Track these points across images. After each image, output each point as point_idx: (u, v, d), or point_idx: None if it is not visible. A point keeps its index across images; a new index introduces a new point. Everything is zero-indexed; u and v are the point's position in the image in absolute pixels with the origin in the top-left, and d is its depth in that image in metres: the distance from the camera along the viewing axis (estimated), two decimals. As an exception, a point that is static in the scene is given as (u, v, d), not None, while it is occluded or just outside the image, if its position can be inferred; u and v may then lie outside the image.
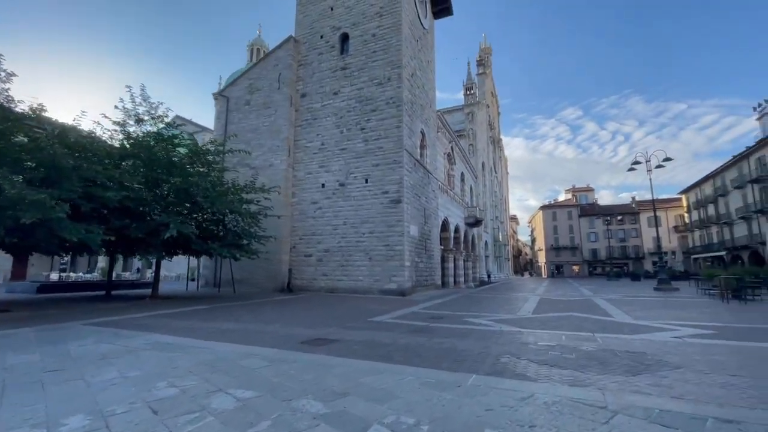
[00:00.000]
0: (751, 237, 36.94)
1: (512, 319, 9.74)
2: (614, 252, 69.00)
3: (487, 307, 12.87)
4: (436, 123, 27.14)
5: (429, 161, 24.31)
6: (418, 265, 20.51)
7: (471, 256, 37.75)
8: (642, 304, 13.56)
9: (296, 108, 22.78)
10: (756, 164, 35.80)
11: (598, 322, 9.23)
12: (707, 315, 10.41)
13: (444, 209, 27.58)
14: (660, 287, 21.71)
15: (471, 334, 7.38)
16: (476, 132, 48.17)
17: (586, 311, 11.50)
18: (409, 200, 19.62)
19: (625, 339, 6.84)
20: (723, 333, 7.43)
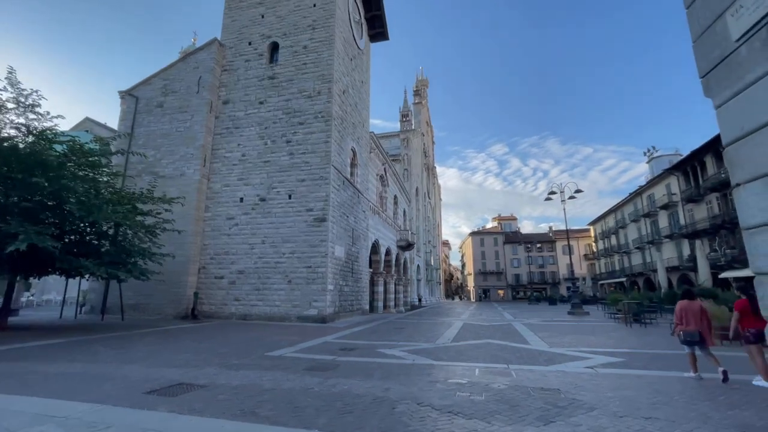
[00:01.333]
0: (645, 265, 41.72)
1: (429, 349, 8.93)
2: (534, 277, 73.93)
3: (407, 335, 12.01)
4: (369, 143, 26.79)
5: (360, 181, 23.63)
6: (342, 289, 19.25)
7: (402, 280, 37.34)
8: (557, 330, 13.73)
9: (216, 115, 20.84)
10: (647, 201, 41.00)
11: (515, 350, 8.79)
12: (615, 340, 10.60)
13: (375, 231, 26.89)
14: (573, 311, 22.88)
15: (377, 371, 6.35)
16: (411, 157, 49.23)
17: (504, 338, 11.17)
18: (335, 219, 18.54)
19: (540, 372, 6.30)
20: (631, 361, 7.30)
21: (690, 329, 6.06)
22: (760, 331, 5.58)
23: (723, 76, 2.96)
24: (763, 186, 2.66)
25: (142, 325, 14.40)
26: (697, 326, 6.02)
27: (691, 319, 6.10)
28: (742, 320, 5.88)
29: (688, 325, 6.09)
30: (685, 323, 6.14)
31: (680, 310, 6.29)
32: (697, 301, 6.33)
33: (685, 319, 6.17)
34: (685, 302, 6.32)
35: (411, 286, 43.31)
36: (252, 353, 8.28)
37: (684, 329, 6.13)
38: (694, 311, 6.14)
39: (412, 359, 7.55)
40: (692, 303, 6.25)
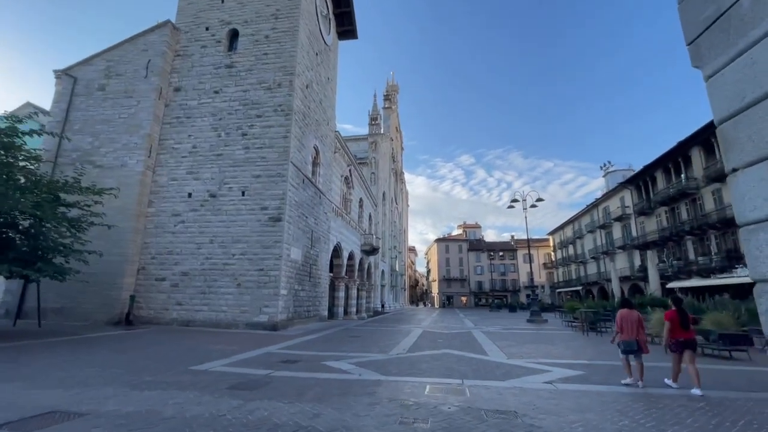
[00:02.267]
0: (599, 274, 43.43)
1: (380, 362, 8.14)
2: (496, 285, 75.41)
3: (361, 345, 11.17)
4: (334, 143, 25.87)
5: (322, 181, 22.62)
6: (298, 293, 18.10)
7: (366, 285, 36.45)
8: (516, 339, 13.40)
9: (166, 103, 19.17)
10: (603, 213, 42.82)
11: (472, 362, 8.20)
12: (573, 350, 10.31)
13: (337, 234, 25.90)
14: (532, 319, 22.97)
15: (312, 390, 5.47)
16: (379, 161, 48.69)
17: (463, 347, 10.61)
18: (292, 219, 17.43)
19: (496, 389, 5.68)
20: (591, 374, 6.88)
21: (628, 338, 6.18)
22: (682, 341, 5.96)
23: (717, 39, 2.41)
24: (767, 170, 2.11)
25: (62, 332, 12.60)
26: (635, 335, 6.16)
27: (629, 328, 6.22)
28: (670, 330, 6.12)
29: (628, 334, 6.20)
30: (624, 332, 6.26)
31: (620, 319, 6.39)
32: (635, 310, 6.44)
33: (624, 328, 6.28)
34: (625, 311, 6.41)
35: (375, 292, 42.46)
36: (175, 367, 7.13)
37: (623, 338, 6.25)
38: (632, 320, 6.26)
39: (359, 374, 6.73)
40: (631, 312, 6.37)
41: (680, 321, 6.03)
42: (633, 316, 6.30)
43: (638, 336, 6.15)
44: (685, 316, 6.10)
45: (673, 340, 6.07)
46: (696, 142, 25.42)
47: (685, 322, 6.04)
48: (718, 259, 23.70)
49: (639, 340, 6.12)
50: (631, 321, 6.26)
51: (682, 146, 26.51)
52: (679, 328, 6.02)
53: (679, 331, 6.02)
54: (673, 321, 6.09)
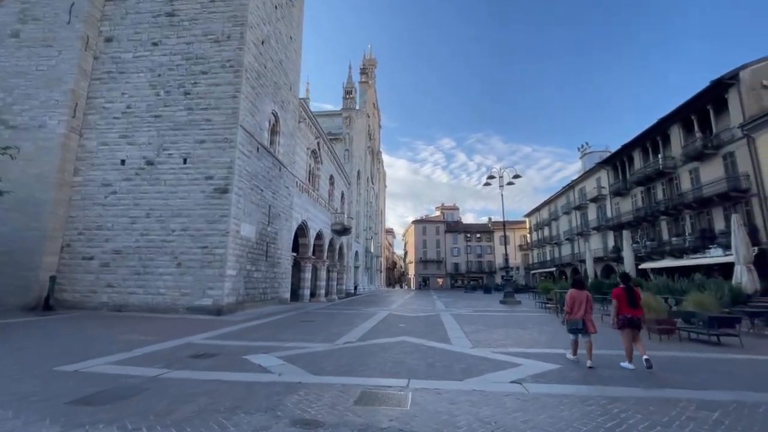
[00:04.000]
0: (574, 255, 43.47)
1: (318, 354, 6.62)
2: (472, 266, 75.59)
3: (309, 332, 9.64)
4: (299, 112, 23.67)
5: (283, 152, 20.57)
6: (251, 274, 16.33)
7: (337, 267, 34.92)
8: (487, 322, 12.22)
9: (96, 55, 16.50)
10: (579, 194, 42.52)
11: (430, 353, 6.80)
12: (547, 336, 9.13)
13: (303, 211, 24.04)
14: (505, 300, 22.12)
15: (192, 402, 3.89)
16: (353, 138, 46.47)
17: (425, 334, 9.25)
18: (243, 191, 15.48)
19: (449, 395, 4.25)
20: (568, 369, 5.60)
21: (576, 317, 6.12)
22: (628, 318, 5.94)
23: None
24: None
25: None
26: (583, 315, 6.09)
27: (578, 307, 6.16)
28: (618, 307, 6.10)
29: (576, 314, 6.14)
30: (573, 312, 6.18)
31: (570, 298, 6.32)
32: (584, 290, 6.36)
33: (573, 308, 6.21)
34: (574, 291, 6.35)
35: (347, 274, 41.08)
36: (41, 366, 5.41)
37: (570, 318, 6.21)
38: (581, 300, 6.19)
39: (279, 373, 5.18)
40: (580, 292, 6.30)
41: (627, 298, 6.03)
42: (582, 296, 6.21)
43: (585, 316, 6.08)
44: (632, 293, 6.07)
45: (620, 316, 6.04)
46: (676, 120, 24.72)
47: (632, 300, 6.01)
48: (691, 239, 23.38)
49: (585, 319, 6.05)
50: (580, 301, 6.18)
51: (662, 124, 25.80)
52: (626, 305, 6.02)
53: (626, 308, 6.01)
54: (621, 298, 6.09)
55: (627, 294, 6.05)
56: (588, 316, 6.08)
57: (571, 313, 6.21)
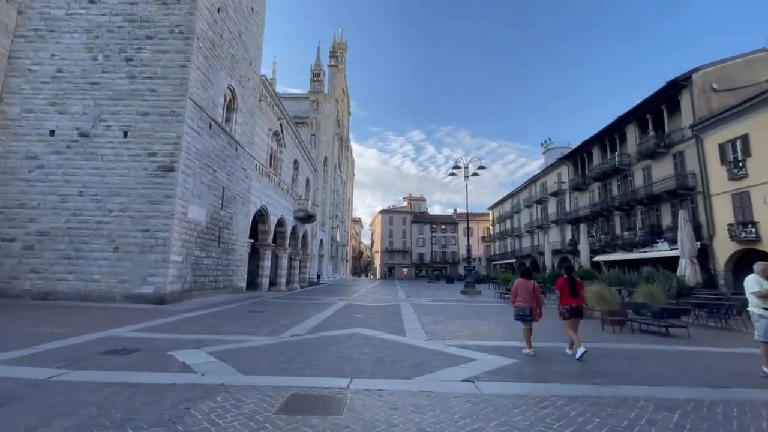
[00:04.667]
0: (533, 247, 44.93)
1: (256, 350, 5.97)
2: (437, 257, 76.67)
3: (255, 323, 8.91)
4: (260, 90, 22.28)
5: (241, 131, 19.26)
6: (200, 261, 15.20)
7: (300, 255, 33.89)
8: (446, 312, 11.99)
9: (20, 9, 14.44)
10: (540, 188, 43.80)
11: (381, 347, 6.34)
12: (504, 327, 8.94)
13: (263, 195, 22.84)
14: (466, 290, 22.25)
15: (66, 419, 3.12)
16: (321, 123, 45.04)
17: (380, 325, 8.81)
18: (191, 170, 14.24)
19: (393, 397, 3.78)
20: (525, 364, 5.30)
21: (522, 304, 6.18)
22: (572, 307, 6.12)
23: None
24: None
25: None
26: (529, 303, 6.14)
27: (523, 295, 6.21)
28: (561, 298, 6.28)
29: (522, 302, 6.19)
30: (519, 300, 6.24)
31: (516, 287, 6.38)
32: (531, 280, 6.39)
33: (519, 296, 6.26)
34: (521, 280, 6.39)
35: (311, 262, 40.11)
36: None
37: (517, 305, 6.27)
38: (527, 289, 6.24)
39: (202, 373, 4.50)
40: (527, 281, 6.33)
41: (570, 288, 6.21)
42: (529, 285, 6.27)
43: (531, 304, 6.15)
44: (574, 283, 6.24)
45: (564, 306, 6.19)
46: (633, 118, 25.65)
47: (574, 290, 6.19)
48: (641, 234, 24.53)
49: (531, 307, 6.13)
50: (526, 289, 6.24)
51: (620, 122, 26.72)
52: (568, 295, 6.19)
53: (568, 297, 6.18)
54: (563, 289, 6.26)
55: (569, 284, 6.24)
56: (534, 305, 6.17)
57: (516, 300, 6.32)
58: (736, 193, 18.04)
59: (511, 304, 6.88)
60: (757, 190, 17.03)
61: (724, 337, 8.06)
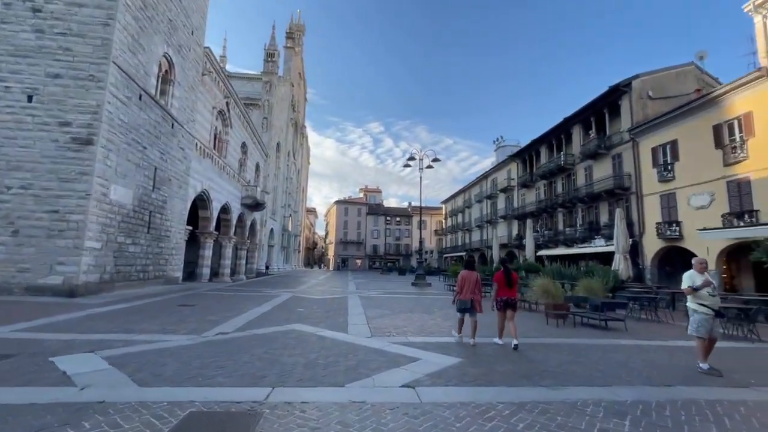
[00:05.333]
0: (482, 241, 46.41)
1: (169, 351, 5.10)
2: (390, 249, 77.08)
3: (177, 320, 7.88)
4: (203, 63, 20.35)
5: (179, 106, 17.42)
6: (125, 248, 13.53)
7: (247, 244, 32.06)
8: (394, 305, 11.62)
9: None
10: (491, 184, 45.21)
11: (317, 345, 5.73)
12: (452, 322, 8.63)
13: (204, 178, 21.03)
14: (416, 282, 22.22)
15: None
16: (274, 106, 42.78)
17: (321, 320, 8.18)
18: (115, 146, 12.52)
19: (318, 411, 3.21)
20: (470, 363, 4.96)
21: (465, 297, 6.29)
22: (506, 300, 6.30)
23: None
24: None
25: None
26: (472, 295, 6.28)
27: (467, 288, 6.31)
28: (497, 290, 6.46)
29: (465, 294, 6.29)
30: (463, 292, 6.35)
31: (461, 279, 6.46)
32: (474, 272, 6.50)
33: (463, 289, 6.35)
34: (465, 273, 6.50)
35: (260, 252, 38.27)
36: None
37: (460, 297, 6.36)
38: (471, 281, 6.35)
39: (83, 385, 3.62)
40: (471, 273, 6.46)
41: (506, 281, 6.34)
42: (472, 278, 6.36)
43: (474, 296, 6.25)
44: (509, 276, 6.37)
45: (498, 298, 6.36)
46: (578, 120, 26.91)
47: (509, 282, 6.33)
48: (581, 230, 25.96)
49: (474, 299, 6.23)
50: (470, 282, 6.33)
51: (567, 123, 27.94)
52: (504, 287, 6.34)
53: (504, 290, 6.33)
54: (500, 282, 6.40)
55: (506, 278, 6.36)
56: (477, 297, 6.28)
57: (461, 293, 6.36)
58: (664, 195, 19.48)
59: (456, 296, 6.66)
60: (682, 192, 18.48)
61: (656, 330, 8.42)
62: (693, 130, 18.14)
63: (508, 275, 6.37)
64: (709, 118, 17.45)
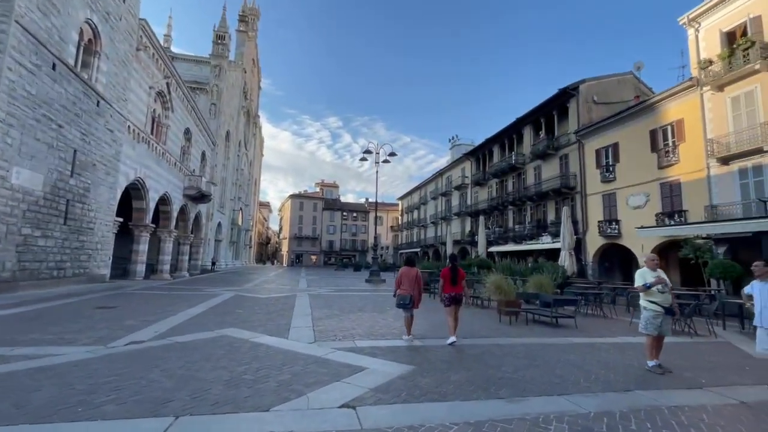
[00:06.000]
0: (437, 238, 47.08)
1: (48, 370, 4.10)
2: (347, 244, 76.14)
3: (83, 327, 6.68)
4: (138, 36, 18.23)
5: (107, 82, 15.40)
6: (33, 242, 11.63)
7: (190, 239, 29.73)
8: (344, 304, 10.99)
9: None
10: (446, 181, 45.90)
11: (249, 355, 4.97)
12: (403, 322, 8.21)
13: (138, 165, 18.92)
14: (371, 279, 21.74)
15: None
16: (223, 92, 40.11)
17: (261, 323, 7.36)
18: (19, 121, 10.64)
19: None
20: (422, 370, 4.46)
21: (404, 293, 6.26)
22: (452, 296, 6.29)
23: None
24: None
25: None
26: (410, 291, 6.25)
27: (406, 283, 6.31)
28: (443, 286, 6.47)
29: (405, 290, 6.27)
30: (402, 288, 6.33)
31: (400, 275, 6.44)
32: (414, 268, 6.52)
33: (402, 284, 6.33)
34: (405, 269, 6.50)
35: (205, 247, 35.86)
36: None
37: (399, 293, 6.34)
38: (410, 277, 6.35)
39: None
40: (410, 269, 6.46)
41: (452, 277, 6.33)
42: (411, 273, 6.36)
43: (413, 291, 6.24)
44: (456, 272, 6.35)
45: (445, 295, 6.36)
46: (529, 121, 27.80)
47: (455, 279, 6.31)
48: (530, 228, 26.91)
49: (413, 295, 6.22)
50: (409, 278, 6.32)
51: (518, 123, 28.78)
52: (450, 284, 6.33)
53: (450, 286, 6.32)
54: (446, 278, 6.39)
55: (452, 274, 6.33)
56: (416, 293, 6.26)
57: (399, 288, 6.33)
58: (606, 194, 20.58)
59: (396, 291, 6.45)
60: (621, 192, 19.60)
61: (603, 325, 8.56)
62: (632, 134, 19.26)
63: (455, 272, 6.35)
64: (646, 123, 18.59)
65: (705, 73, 15.54)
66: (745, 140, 14.10)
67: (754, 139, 13.82)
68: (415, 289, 6.27)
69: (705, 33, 16.09)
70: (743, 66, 14.14)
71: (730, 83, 14.84)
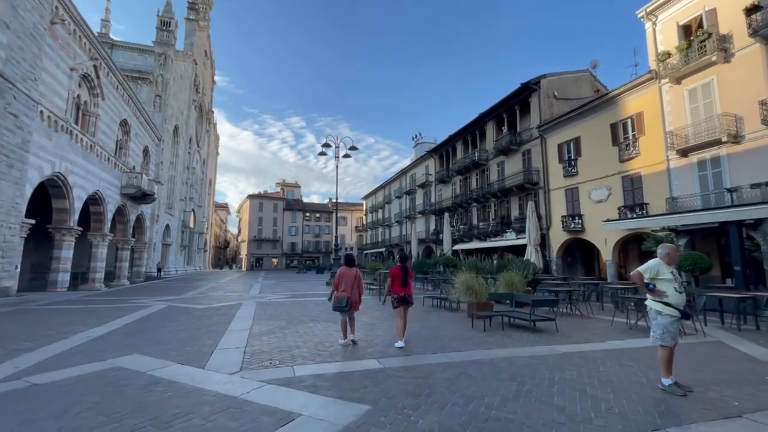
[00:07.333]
0: (401, 237, 46.27)
1: None
2: (310, 246, 73.70)
3: None
4: (53, 7, 15.61)
5: (6, 56, 12.84)
6: None
7: (130, 243, 26.67)
8: (294, 314, 9.53)
9: None
10: (410, 180, 45.18)
11: (136, 399, 3.49)
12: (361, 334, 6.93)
13: (58, 159, 16.25)
14: (331, 281, 20.27)
15: None
16: (170, 83, 36.80)
17: (179, 345, 5.81)
18: None
19: None
20: (373, 427, 3.19)
21: (341, 295, 5.99)
22: (401, 297, 6.00)
23: None
24: None
25: None
26: (350, 293, 6.00)
27: (345, 285, 6.05)
28: (392, 285, 6.13)
29: (343, 293, 6.00)
30: (340, 289, 6.05)
31: (338, 276, 6.18)
32: (354, 268, 6.28)
33: (340, 286, 6.07)
34: (344, 269, 6.24)
35: (150, 252, 32.64)
36: None
37: (337, 296, 6.04)
38: (349, 278, 6.11)
39: None
40: (350, 270, 6.21)
41: (401, 277, 6.08)
42: (351, 274, 6.14)
43: (351, 293, 6.00)
44: (406, 272, 6.12)
45: (394, 295, 6.09)
46: (491, 117, 27.50)
47: (405, 279, 6.08)
48: (494, 224, 26.57)
49: (351, 297, 5.98)
50: (348, 278, 6.09)
51: (481, 119, 28.43)
52: (399, 284, 6.06)
53: (399, 287, 6.05)
54: (396, 277, 6.11)
55: (402, 273, 6.06)
56: (355, 295, 6.02)
57: (337, 289, 6.02)
58: (569, 189, 20.45)
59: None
60: (584, 186, 19.50)
61: (584, 327, 7.73)
62: (594, 128, 19.21)
63: (405, 271, 6.07)
64: (607, 117, 18.57)
65: (663, 66, 15.57)
66: (703, 132, 14.16)
67: (711, 130, 13.89)
68: (355, 291, 6.02)
69: (662, 26, 16.16)
70: (700, 58, 14.21)
71: (688, 75, 14.92)
